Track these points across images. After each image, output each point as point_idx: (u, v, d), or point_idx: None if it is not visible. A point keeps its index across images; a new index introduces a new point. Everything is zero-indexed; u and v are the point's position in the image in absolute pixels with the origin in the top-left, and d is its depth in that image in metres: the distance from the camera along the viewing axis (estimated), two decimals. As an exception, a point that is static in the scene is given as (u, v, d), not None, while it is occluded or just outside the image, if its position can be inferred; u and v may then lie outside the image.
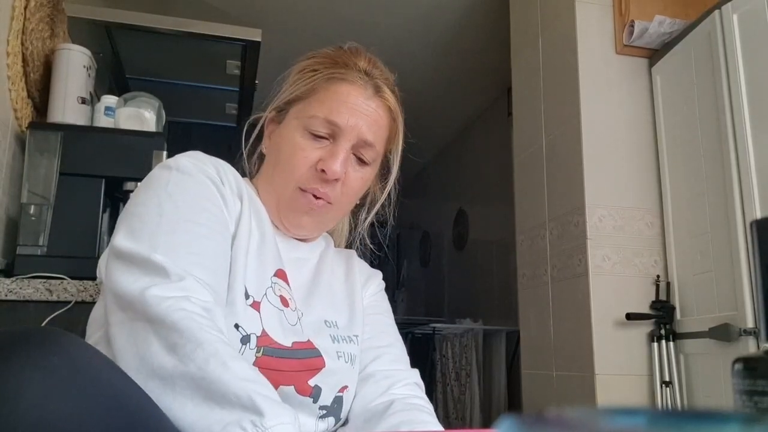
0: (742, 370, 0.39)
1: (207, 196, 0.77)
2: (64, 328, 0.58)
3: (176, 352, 0.61)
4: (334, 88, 0.85)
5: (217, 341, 0.63)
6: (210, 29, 2.24)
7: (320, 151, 0.83)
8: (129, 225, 0.73)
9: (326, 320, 0.85)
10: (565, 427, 0.19)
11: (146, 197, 0.75)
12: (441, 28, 3.35)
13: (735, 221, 1.68)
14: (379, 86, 0.87)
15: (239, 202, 0.81)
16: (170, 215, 0.73)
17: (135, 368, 0.62)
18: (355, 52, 0.89)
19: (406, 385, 0.87)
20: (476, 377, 3.40)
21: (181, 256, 0.70)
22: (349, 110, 0.84)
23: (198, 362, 0.61)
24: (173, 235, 0.71)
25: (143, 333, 0.64)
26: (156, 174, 0.78)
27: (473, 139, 4.56)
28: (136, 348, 0.63)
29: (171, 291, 0.66)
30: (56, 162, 1.61)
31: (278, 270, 0.82)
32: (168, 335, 0.62)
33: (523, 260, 2.39)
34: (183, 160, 0.79)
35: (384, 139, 0.89)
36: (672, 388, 1.85)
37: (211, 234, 0.75)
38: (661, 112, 2.05)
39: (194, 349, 0.61)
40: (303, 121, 0.84)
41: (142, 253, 0.68)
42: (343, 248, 1.02)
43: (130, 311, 0.65)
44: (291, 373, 0.75)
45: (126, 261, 0.69)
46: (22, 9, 1.68)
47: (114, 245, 0.71)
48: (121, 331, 0.66)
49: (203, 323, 0.64)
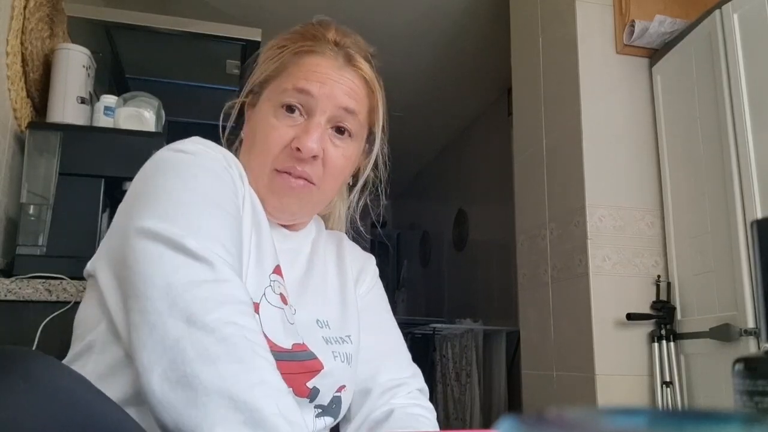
0: (743, 371, 0.39)
1: (226, 181, 0.74)
2: (63, 328, 0.56)
3: (216, 366, 0.57)
4: (303, 60, 0.81)
5: (266, 369, 0.59)
6: (210, 29, 2.24)
7: (294, 129, 0.79)
8: (157, 206, 0.66)
9: (318, 319, 0.82)
10: (565, 427, 0.19)
11: (167, 178, 0.70)
12: (441, 28, 3.35)
13: (735, 221, 1.68)
14: (350, 55, 0.82)
15: (243, 189, 0.78)
16: (203, 196, 0.68)
17: (159, 374, 0.57)
18: (324, 24, 0.85)
19: (408, 393, 0.86)
20: (476, 377, 3.40)
21: (219, 243, 0.65)
22: (321, 79, 0.79)
23: (242, 385, 0.56)
24: (209, 219, 0.67)
25: (174, 333, 0.58)
26: (169, 157, 0.73)
27: (473, 139, 4.56)
28: (164, 348, 0.58)
29: (222, 293, 0.61)
30: (56, 162, 1.61)
31: (276, 266, 0.79)
32: (211, 346, 0.57)
33: (523, 260, 2.39)
34: (194, 146, 0.75)
35: (363, 107, 0.84)
36: (672, 388, 1.85)
37: (235, 221, 0.72)
38: (662, 111, 2.05)
39: (239, 372, 0.57)
40: (275, 99, 0.80)
41: (179, 237, 0.63)
42: (334, 230, 0.98)
43: (163, 302, 0.60)
44: (290, 376, 0.72)
45: (160, 243, 0.63)
46: (22, 9, 1.67)
47: (144, 226, 0.64)
48: (144, 323, 0.60)
49: (254, 344, 0.60)
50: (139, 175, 0.73)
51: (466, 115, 4.46)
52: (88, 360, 0.70)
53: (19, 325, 1.40)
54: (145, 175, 0.72)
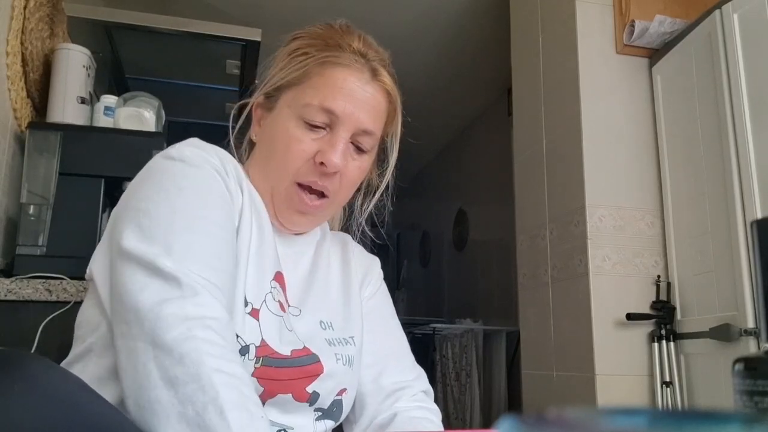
0: (743, 371, 0.39)
1: (216, 190, 0.73)
2: (63, 328, 0.56)
3: (176, 389, 0.58)
4: (328, 73, 0.79)
5: (222, 384, 0.59)
6: (210, 29, 2.24)
7: (318, 142, 0.78)
8: (138, 223, 0.67)
9: (321, 321, 0.82)
10: (565, 427, 0.19)
11: (152, 191, 0.70)
12: (441, 28, 3.35)
13: (735, 221, 1.68)
14: (376, 69, 0.81)
15: (240, 195, 0.77)
16: (183, 212, 0.68)
17: (132, 396, 0.60)
18: (347, 31, 0.84)
19: (413, 396, 0.86)
20: (476, 377, 3.40)
21: (196, 259, 0.65)
22: (346, 97, 0.78)
23: (197, 406, 0.57)
24: (187, 234, 0.67)
25: (143, 358, 0.59)
26: (159, 165, 0.73)
27: (473, 139, 4.56)
28: (135, 373, 0.60)
29: (184, 310, 0.61)
30: (56, 162, 1.61)
31: (277, 273, 0.79)
32: (171, 367, 0.58)
33: (523, 260, 2.39)
34: (187, 150, 0.73)
35: (382, 124, 0.84)
36: (672, 388, 1.85)
37: (224, 234, 0.71)
38: (662, 111, 2.05)
39: (195, 390, 0.58)
40: (297, 110, 0.79)
41: (154, 257, 0.64)
42: (338, 231, 0.98)
43: (136, 326, 0.61)
44: (289, 381, 0.73)
45: (135, 265, 0.64)
46: (22, 9, 1.67)
47: (123, 246, 0.65)
48: (123, 348, 0.62)
49: (212, 358, 0.60)
50: (133, 181, 0.74)
51: (466, 115, 4.46)
52: (88, 362, 0.70)
53: (19, 325, 1.40)
54: (135, 185, 0.73)
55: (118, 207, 0.73)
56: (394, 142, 0.90)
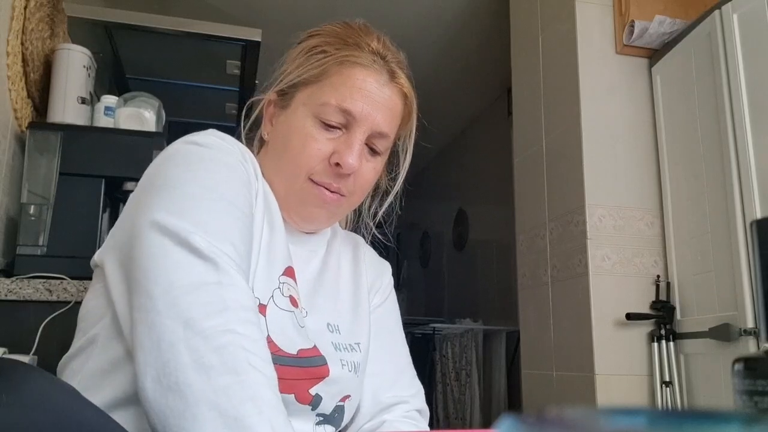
0: (743, 370, 0.39)
1: (240, 177, 0.72)
2: (63, 328, 0.55)
3: (209, 377, 0.56)
4: (347, 72, 0.78)
5: (260, 384, 0.57)
6: (210, 29, 2.24)
7: (333, 142, 0.77)
8: (168, 197, 0.66)
9: (329, 323, 0.80)
10: (565, 427, 0.19)
11: (180, 170, 0.69)
12: (441, 28, 3.35)
13: (735, 221, 1.68)
14: (394, 71, 0.81)
15: (257, 186, 0.77)
16: (213, 193, 0.67)
17: (153, 372, 0.57)
18: (366, 31, 0.83)
19: (406, 412, 0.86)
20: (476, 377, 3.40)
21: (229, 242, 0.64)
22: (364, 98, 0.77)
23: (233, 400, 0.55)
24: (218, 215, 0.66)
25: (170, 336, 0.57)
26: (185, 149, 0.72)
27: (473, 139, 4.56)
28: (159, 350, 0.57)
29: (223, 299, 0.60)
30: (56, 162, 1.61)
31: (287, 268, 0.77)
32: (206, 354, 0.56)
33: (523, 260, 2.39)
34: (209, 138, 0.73)
35: (397, 127, 0.84)
36: (672, 388, 1.85)
37: (249, 221, 0.70)
38: (661, 112, 2.05)
39: (232, 384, 0.56)
40: (313, 109, 0.78)
41: (187, 232, 0.62)
42: (350, 231, 0.97)
43: (162, 302, 0.59)
44: (292, 381, 0.71)
45: (167, 238, 0.62)
46: (22, 9, 1.68)
47: (153, 218, 0.63)
48: (144, 321, 0.59)
49: (251, 355, 0.58)
50: (151, 165, 0.72)
51: (466, 115, 4.46)
52: (90, 354, 0.69)
53: (20, 325, 1.40)
54: (157, 167, 0.71)
55: (138, 189, 0.71)
56: (407, 145, 0.90)
